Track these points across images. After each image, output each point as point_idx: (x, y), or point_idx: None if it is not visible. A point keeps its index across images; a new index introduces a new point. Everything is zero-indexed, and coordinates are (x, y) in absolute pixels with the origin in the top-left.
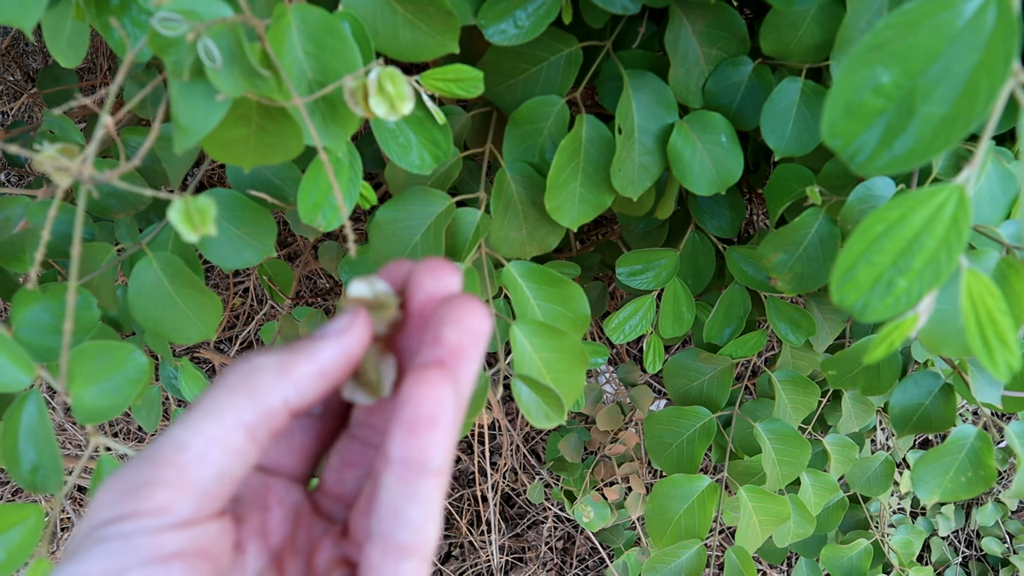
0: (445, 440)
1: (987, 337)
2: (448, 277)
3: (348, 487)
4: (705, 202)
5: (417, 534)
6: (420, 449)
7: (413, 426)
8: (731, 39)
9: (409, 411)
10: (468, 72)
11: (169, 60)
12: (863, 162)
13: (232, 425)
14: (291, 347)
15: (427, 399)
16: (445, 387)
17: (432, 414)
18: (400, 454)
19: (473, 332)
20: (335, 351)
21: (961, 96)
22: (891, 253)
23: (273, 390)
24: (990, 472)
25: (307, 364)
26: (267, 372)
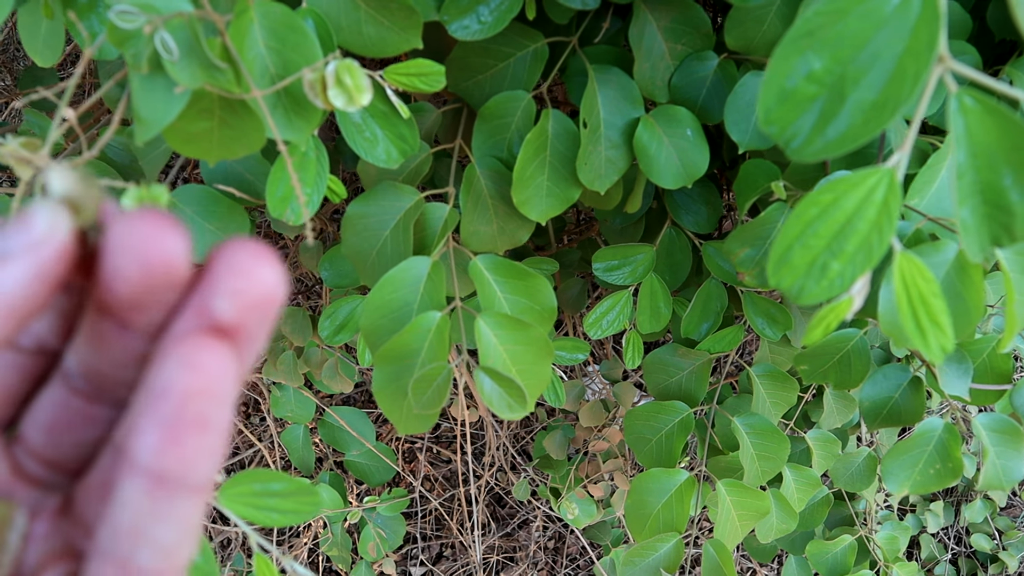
0: (216, 445)
1: (919, 319)
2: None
3: (65, 453)
4: (681, 197)
5: (167, 558)
6: (181, 460)
7: (173, 427)
8: (696, 34)
9: (168, 405)
10: (431, 67)
11: (128, 53)
12: (798, 148)
13: None
14: None
15: (198, 390)
16: (227, 370)
17: (203, 413)
18: (150, 463)
19: (265, 289)
20: (25, 274)
21: (890, 82)
22: (825, 236)
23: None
24: (958, 464)
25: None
26: None
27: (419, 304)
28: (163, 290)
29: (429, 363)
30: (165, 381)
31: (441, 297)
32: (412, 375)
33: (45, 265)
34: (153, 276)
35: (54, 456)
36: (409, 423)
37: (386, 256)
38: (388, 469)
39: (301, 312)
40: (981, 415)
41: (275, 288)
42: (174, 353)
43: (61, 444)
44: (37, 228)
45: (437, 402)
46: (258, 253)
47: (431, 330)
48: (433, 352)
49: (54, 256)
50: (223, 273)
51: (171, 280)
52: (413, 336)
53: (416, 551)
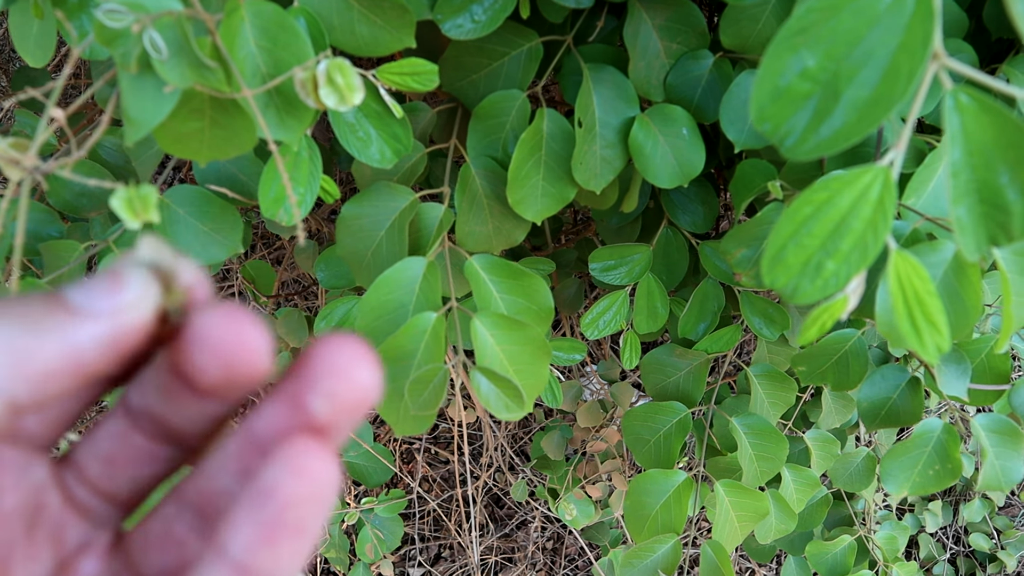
0: (308, 548)
1: (915, 319)
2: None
3: (120, 486)
4: (678, 197)
5: None
6: (272, 560)
7: (271, 529)
8: (691, 33)
9: (270, 507)
10: (424, 66)
11: (117, 52)
12: (792, 146)
13: None
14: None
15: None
16: (331, 477)
17: (303, 519)
18: (241, 557)
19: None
20: (100, 335)
21: (884, 79)
22: (819, 236)
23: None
24: (957, 465)
25: (53, 351)
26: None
27: (415, 305)
28: (243, 385)
29: (425, 364)
30: (270, 483)
31: (437, 298)
32: (408, 376)
33: (124, 333)
34: (234, 374)
35: (109, 488)
36: (406, 424)
37: (381, 257)
38: (386, 470)
39: (297, 313)
40: (980, 416)
41: (372, 390)
42: (281, 455)
43: (117, 477)
44: (127, 295)
45: (434, 403)
46: (357, 353)
47: (427, 331)
48: (429, 353)
49: (135, 327)
50: (322, 372)
51: (252, 377)
52: (409, 337)
53: (414, 552)
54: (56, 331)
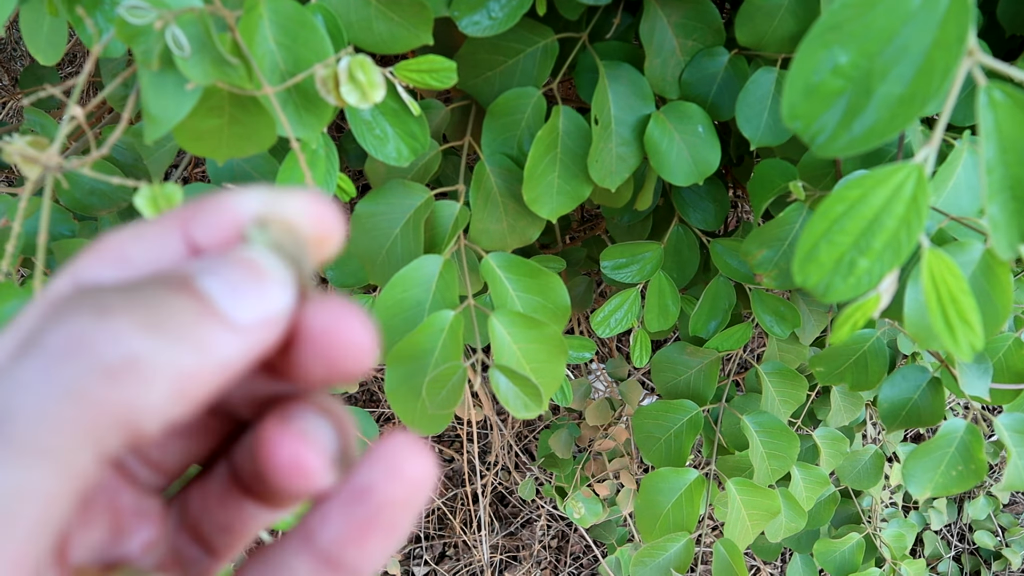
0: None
1: (949, 317)
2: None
3: (172, 459)
4: (688, 195)
5: None
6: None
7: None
8: (707, 30)
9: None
10: (442, 63)
11: (138, 49)
12: (823, 143)
13: (89, 464)
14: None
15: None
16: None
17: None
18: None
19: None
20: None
21: (917, 75)
22: (852, 233)
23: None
24: (981, 465)
25: (210, 370)
26: (155, 381)
27: (431, 303)
28: (344, 381)
29: (443, 363)
30: (367, 482)
31: (454, 296)
32: (426, 375)
33: (269, 343)
34: (335, 373)
35: (160, 459)
36: (423, 423)
37: (396, 255)
38: None
39: None
40: (1003, 415)
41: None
42: (380, 455)
43: (170, 449)
44: (276, 302)
45: (452, 402)
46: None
47: (444, 329)
48: (447, 351)
49: (278, 337)
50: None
51: (351, 377)
52: (426, 336)
53: (419, 550)
54: (212, 346)
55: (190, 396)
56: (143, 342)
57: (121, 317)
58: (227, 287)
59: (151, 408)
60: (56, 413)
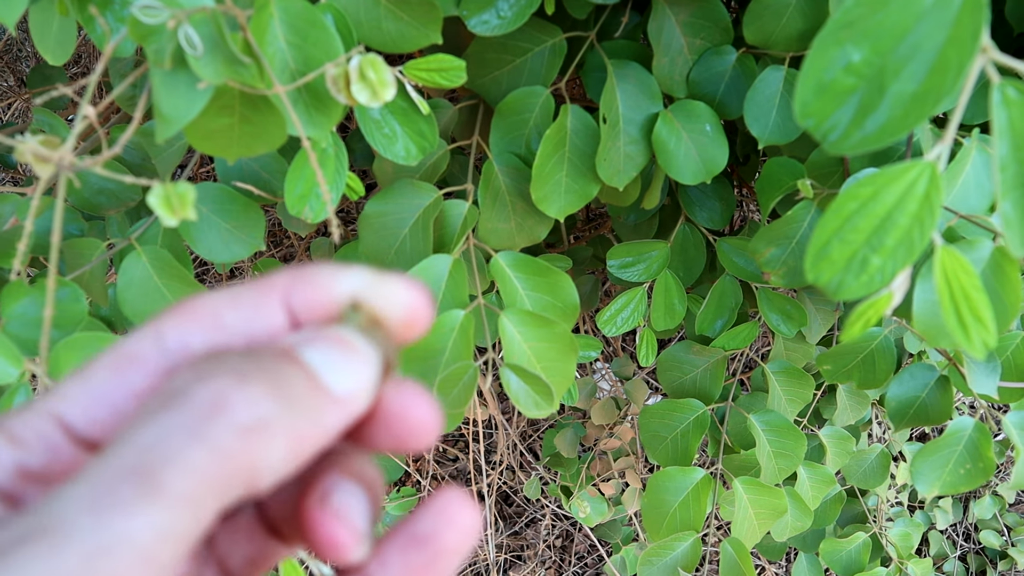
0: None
1: (962, 315)
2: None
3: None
4: (695, 194)
5: None
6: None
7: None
8: (714, 29)
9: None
10: (451, 61)
11: (150, 49)
12: (836, 141)
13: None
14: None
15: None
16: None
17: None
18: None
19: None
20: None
21: (931, 73)
22: (864, 231)
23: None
24: (989, 464)
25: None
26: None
27: (441, 302)
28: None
29: (454, 362)
30: (426, 530)
31: (464, 295)
32: (437, 374)
33: (358, 415)
34: (404, 447)
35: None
36: None
37: (405, 254)
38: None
39: None
40: (1011, 414)
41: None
42: (439, 506)
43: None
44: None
45: (464, 401)
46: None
47: (455, 328)
48: (458, 351)
49: (362, 410)
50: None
51: (414, 451)
52: (437, 335)
53: None
54: (321, 414)
55: (300, 456)
56: (271, 407)
57: (256, 384)
58: (326, 361)
59: (270, 465)
60: (198, 463)
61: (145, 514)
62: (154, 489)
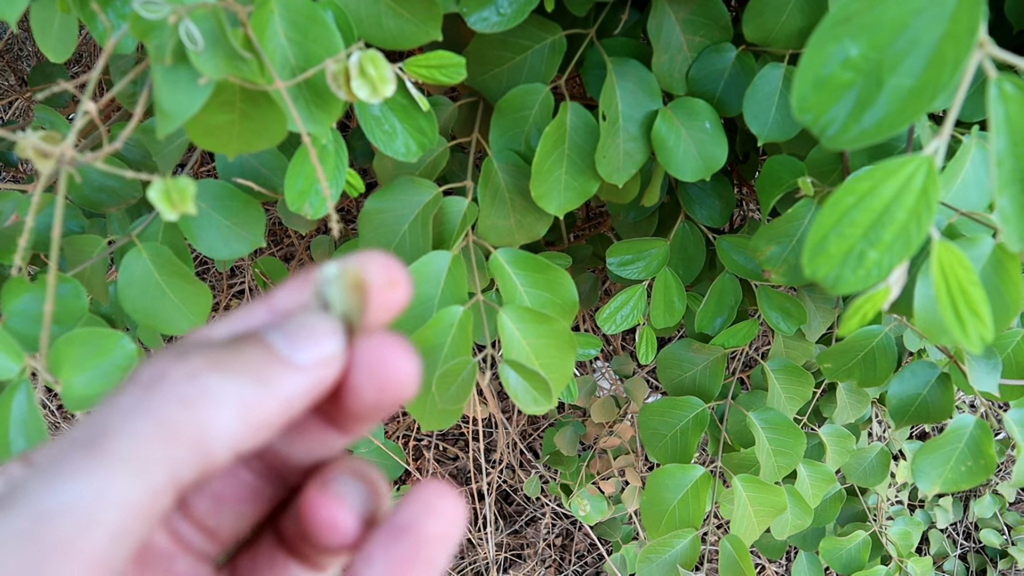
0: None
1: (959, 309)
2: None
3: (225, 524)
4: (694, 192)
5: None
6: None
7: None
8: (714, 26)
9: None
10: (451, 58)
11: (151, 45)
12: (833, 136)
13: (164, 485)
14: (249, 362)
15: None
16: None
17: (433, 556)
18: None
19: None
20: (309, 386)
21: (928, 67)
22: (862, 225)
23: (226, 436)
24: (990, 461)
25: (274, 402)
26: (222, 407)
27: (440, 299)
28: (391, 406)
29: (452, 358)
30: (407, 520)
31: (463, 291)
32: (436, 370)
33: (324, 384)
34: (387, 396)
35: (215, 525)
36: (433, 418)
37: (404, 251)
38: (396, 466)
39: None
40: (1012, 411)
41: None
42: (418, 496)
43: (223, 514)
44: (328, 347)
45: (462, 397)
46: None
47: (454, 324)
48: (456, 347)
49: (332, 377)
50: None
51: (399, 400)
52: (436, 331)
53: None
54: (274, 383)
55: (256, 423)
56: (212, 376)
57: (195, 358)
58: (287, 339)
59: (220, 431)
60: (139, 430)
61: (87, 479)
62: (97, 455)
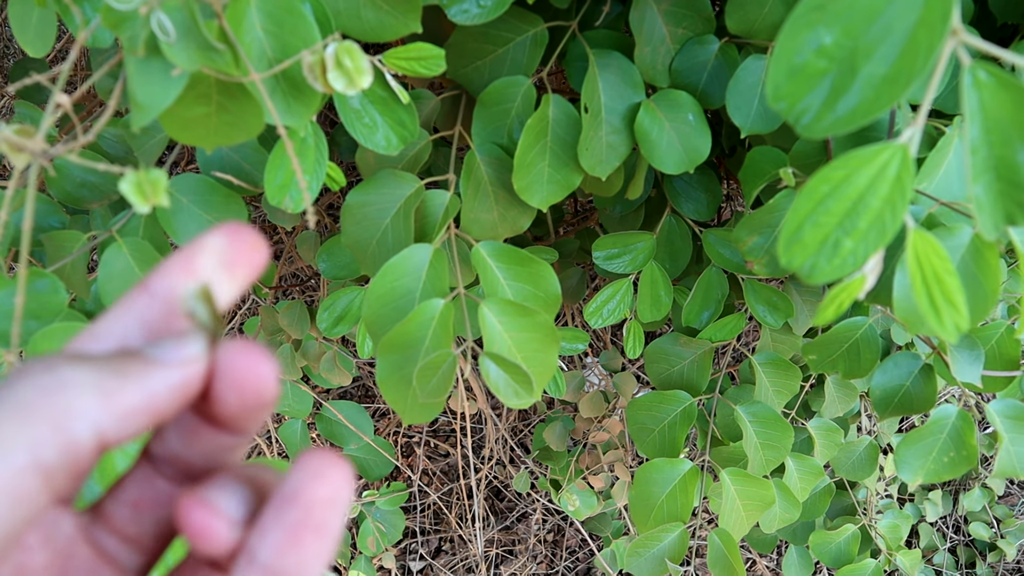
0: (329, 551)
1: (934, 297)
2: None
3: (146, 531)
4: (681, 185)
5: None
6: (298, 561)
7: (296, 531)
8: (697, 18)
9: (295, 510)
10: (430, 50)
11: (124, 36)
12: (808, 124)
13: (24, 465)
14: (113, 362)
15: (323, 499)
16: (348, 483)
17: (324, 520)
18: (271, 562)
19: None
20: (173, 382)
21: (902, 55)
22: (837, 214)
23: (86, 419)
24: (972, 451)
25: (136, 392)
26: (81, 393)
27: (421, 292)
28: (257, 409)
29: (433, 351)
30: (293, 488)
31: (444, 285)
32: (416, 363)
33: (188, 382)
34: (248, 400)
35: (136, 533)
36: (414, 412)
37: (387, 245)
38: (387, 463)
39: (299, 305)
40: (994, 402)
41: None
42: (302, 464)
43: (143, 521)
44: (191, 348)
45: (443, 390)
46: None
47: (434, 318)
48: (437, 340)
49: (196, 377)
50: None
51: (262, 403)
52: (416, 324)
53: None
54: (137, 376)
55: (120, 412)
56: (70, 368)
57: (57, 359)
58: (157, 346)
59: (79, 415)
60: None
61: None
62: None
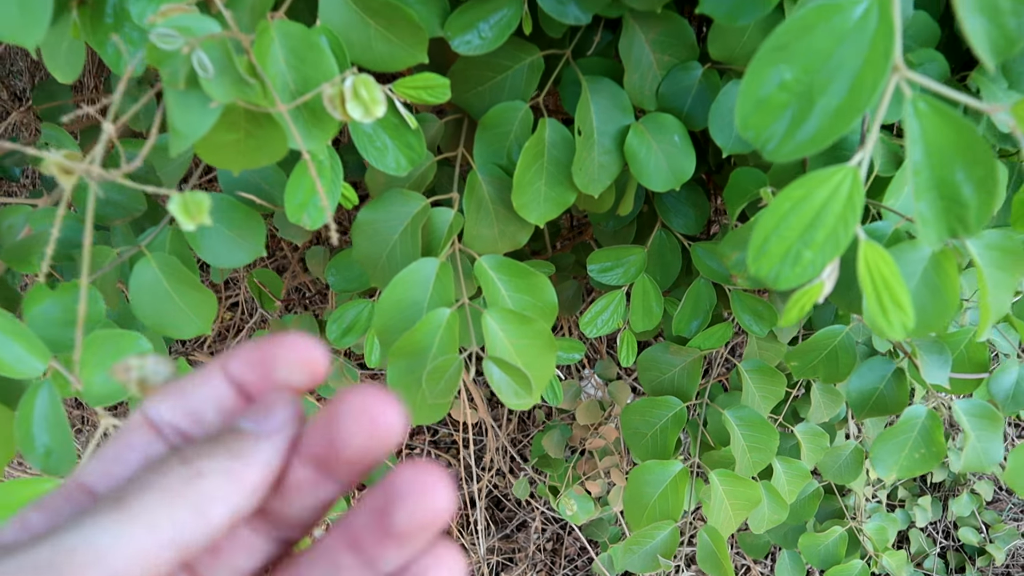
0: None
1: (882, 300)
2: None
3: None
4: (670, 201)
5: None
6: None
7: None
8: (681, 46)
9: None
10: (436, 80)
11: (165, 71)
12: (773, 149)
13: (168, 541)
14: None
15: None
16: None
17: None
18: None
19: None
20: (280, 448)
21: (851, 89)
22: (797, 228)
23: (222, 502)
24: (940, 448)
25: (256, 470)
26: (214, 479)
27: (429, 302)
28: (377, 454)
29: (440, 356)
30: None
31: (450, 295)
32: (425, 367)
33: (287, 445)
34: (375, 442)
35: None
36: (423, 412)
37: (395, 259)
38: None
39: (308, 317)
40: (961, 401)
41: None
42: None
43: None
44: (280, 416)
45: (450, 391)
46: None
47: (441, 325)
48: (444, 346)
49: (292, 438)
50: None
51: (388, 445)
52: (425, 332)
53: None
54: (251, 454)
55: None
56: (201, 459)
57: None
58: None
59: (214, 498)
60: (152, 498)
61: (109, 527)
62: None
